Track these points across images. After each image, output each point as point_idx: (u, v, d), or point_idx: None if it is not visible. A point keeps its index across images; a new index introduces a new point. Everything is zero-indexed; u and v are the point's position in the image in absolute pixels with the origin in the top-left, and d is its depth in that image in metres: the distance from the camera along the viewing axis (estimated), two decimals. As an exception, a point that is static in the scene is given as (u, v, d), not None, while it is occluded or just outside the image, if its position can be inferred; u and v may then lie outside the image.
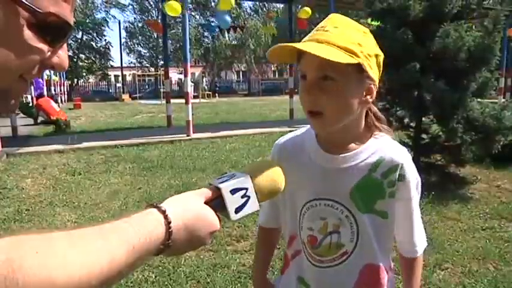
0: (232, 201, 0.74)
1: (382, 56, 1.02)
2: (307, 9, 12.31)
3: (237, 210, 0.75)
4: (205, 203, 0.73)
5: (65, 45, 0.56)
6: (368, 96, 1.01)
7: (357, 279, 1.10)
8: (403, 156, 1.08)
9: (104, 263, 0.54)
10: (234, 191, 0.75)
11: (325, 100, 0.96)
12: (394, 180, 1.06)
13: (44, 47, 0.52)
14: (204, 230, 0.70)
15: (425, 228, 1.19)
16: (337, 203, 1.07)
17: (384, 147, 1.08)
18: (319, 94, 0.96)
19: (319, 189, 1.08)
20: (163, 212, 0.65)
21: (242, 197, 0.75)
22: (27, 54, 0.51)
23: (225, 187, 0.74)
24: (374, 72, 1.00)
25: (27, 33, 0.50)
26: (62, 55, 0.56)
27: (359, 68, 0.96)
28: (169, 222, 0.65)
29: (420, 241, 1.16)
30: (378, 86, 1.03)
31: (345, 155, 1.07)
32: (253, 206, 0.77)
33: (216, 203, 0.74)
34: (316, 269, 1.12)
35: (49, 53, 0.53)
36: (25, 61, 0.51)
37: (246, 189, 0.76)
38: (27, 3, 0.48)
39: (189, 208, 0.70)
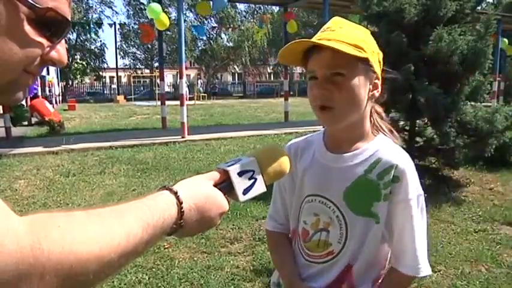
0: (239, 183, 0.78)
1: (381, 54, 1.08)
2: (294, 23, 12.63)
3: (245, 192, 0.78)
4: (214, 185, 0.76)
5: (63, 41, 0.58)
6: (375, 91, 1.06)
7: (334, 278, 1.11)
8: (400, 158, 1.07)
9: (121, 238, 0.58)
10: (241, 173, 0.78)
11: (337, 94, 1.00)
12: (388, 181, 1.05)
13: (44, 41, 0.54)
14: (214, 211, 0.73)
15: None
16: (330, 201, 1.10)
17: (383, 148, 1.09)
18: (332, 89, 1.00)
19: (316, 186, 1.12)
20: (175, 193, 0.69)
21: (249, 179, 0.79)
22: (28, 47, 0.53)
23: (233, 169, 0.78)
24: (377, 68, 1.05)
25: (28, 28, 0.52)
26: (61, 50, 0.58)
27: (365, 64, 1.01)
28: (181, 203, 0.68)
29: (424, 260, 1.06)
30: (381, 83, 1.08)
31: (344, 155, 1.09)
32: (260, 187, 0.80)
33: (225, 185, 0.77)
34: (305, 262, 1.16)
35: (48, 48, 0.55)
36: (27, 54, 0.53)
37: (253, 171, 0.79)
38: None
39: (199, 190, 0.73)
